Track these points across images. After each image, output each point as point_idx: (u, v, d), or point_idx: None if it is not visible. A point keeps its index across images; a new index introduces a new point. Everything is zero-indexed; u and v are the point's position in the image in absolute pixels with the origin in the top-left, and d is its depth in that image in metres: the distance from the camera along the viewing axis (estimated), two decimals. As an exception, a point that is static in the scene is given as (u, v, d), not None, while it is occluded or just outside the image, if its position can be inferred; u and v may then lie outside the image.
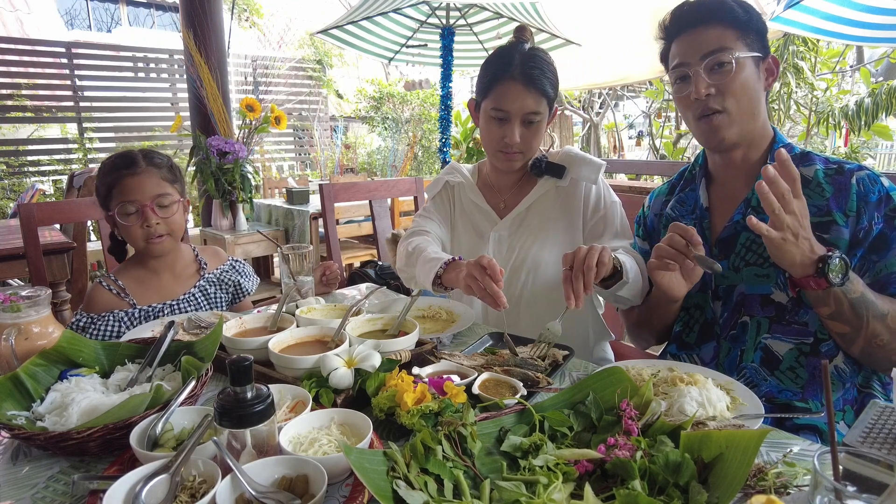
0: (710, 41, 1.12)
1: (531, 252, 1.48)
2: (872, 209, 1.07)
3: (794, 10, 3.40)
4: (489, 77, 1.40)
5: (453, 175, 1.62)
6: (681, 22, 1.17)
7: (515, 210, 1.51)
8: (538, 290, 1.47)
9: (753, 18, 1.13)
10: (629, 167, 5.89)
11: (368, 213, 3.55)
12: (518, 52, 1.38)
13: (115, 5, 10.72)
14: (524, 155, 1.45)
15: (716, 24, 1.13)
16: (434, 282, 1.26)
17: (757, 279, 1.16)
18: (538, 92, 1.36)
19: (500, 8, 4.77)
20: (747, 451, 0.66)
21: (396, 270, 1.62)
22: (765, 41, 1.15)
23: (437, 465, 0.71)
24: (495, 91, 1.38)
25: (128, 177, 1.41)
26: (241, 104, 3.73)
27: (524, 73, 1.35)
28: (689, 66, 1.14)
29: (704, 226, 1.24)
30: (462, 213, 1.60)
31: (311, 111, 8.65)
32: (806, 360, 1.13)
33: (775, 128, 1.22)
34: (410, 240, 1.47)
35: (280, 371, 1.01)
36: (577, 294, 1.07)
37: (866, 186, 1.09)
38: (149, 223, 1.41)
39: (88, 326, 1.37)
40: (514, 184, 1.56)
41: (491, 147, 1.46)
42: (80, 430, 0.78)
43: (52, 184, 6.03)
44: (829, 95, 7.34)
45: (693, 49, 1.14)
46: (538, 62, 1.37)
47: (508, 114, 1.38)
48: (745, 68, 1.12)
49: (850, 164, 1.13)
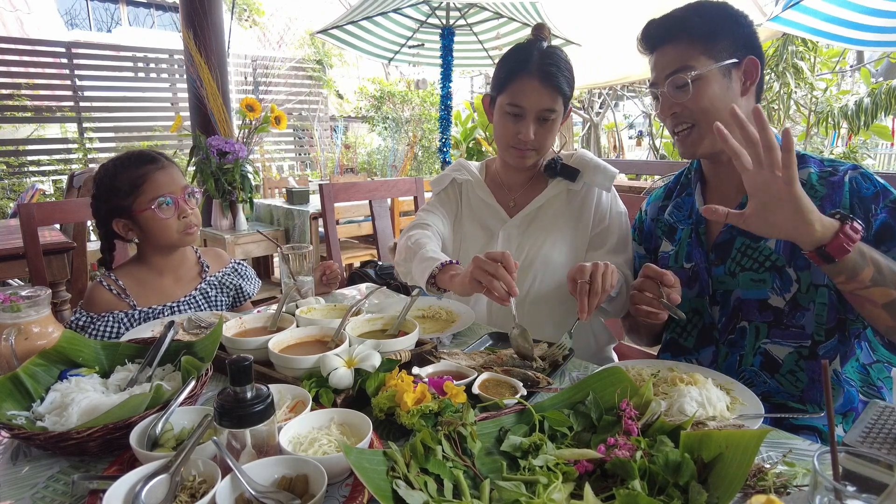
0: (671, 61, 1.13)
1: (541, 252, 1.47)
2: (868, 203, 1.07)
3: (794, 11, 3.41)
4: (506, 72, 1.39)
5: (461, 172, 1.60)
6: (648, 41, 1.19)
7: (526, 209, 1.50)
8: (545, 290, 1.47)
9: (720, 26, 1.12)
10: (629, 167, 5.87)
11: (368, 213, 3.55)
12: (536, 48, 1.38)
13: (115, 5, 10.73)
14: (537, 152, 1.44)
15: (678, 42, 1.13)
16: (428, 281, 1.26)
17: (753, 284, 1.16)
18: (554, 89, 1.36)
19: (500, 8, 4.78)
20: (747, 451, 0.66)
21: (395, 265, 1.62)
22: (741, 44, 1.13)
23: (436, 465, 0.71)
24: (512, 86, 1.37)
25: (157, 171, 1.42)
26: (241, 104, 3.73)
27: (541, 70, 1.35)
28: (657, 86, 1.16)
29: (700, 231, 1.24)
30: (470, 210, 1.59)
31: (311, 111, 8.65)
32: (805, 364, 1.14)
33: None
34: (411, 233, 1.46)
35: (280, 371, 1.01)
36: (590, 309, 1.10)
37: (859, 184, 1.09)
38: (185, 214, 1.43)
39: (88, 326, 1.37)
40: (525, 182, 1.55)
41: (504, 143, 1.45)
42: (80, 430, 0.78)
43: (52, 184, 6.04)
44: (829, 95, 7.34)
45: (659, 68, 1.16)
46: (556, 60, 1.36)
47: (524, 110, 1.37)
48: (710, 83, 1.11)
49: (845, 165, 1.13)
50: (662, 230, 1.34)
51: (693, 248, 1.25)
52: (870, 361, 1.16)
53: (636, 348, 1.70)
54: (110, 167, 1.43)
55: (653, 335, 1.38)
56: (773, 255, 1.13)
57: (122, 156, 1.45)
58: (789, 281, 1.12)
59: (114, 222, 1.44)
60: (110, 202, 1.42)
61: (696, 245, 1.24)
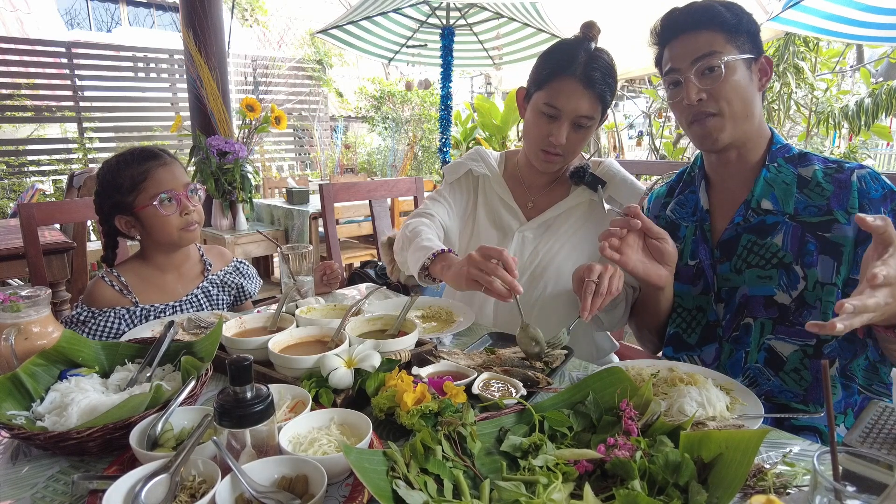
0: (700, 46, 1.12)
1: (556, 260, 1.43)
2: (877, 205, 1.07)
3: (795, 10, 3.40)
4: (548, 70, 1.32)
5: (479, 164, 1.54)
6: (671, 28, 1.18)
7: (545, 213, 1.46)
8: (555, 299, 1.44)
9: (743, 21, 1.13)
10: (629, 167, 5.86)
11: (368, 213, 3.55)
12: (583, 49, 1.31)
13: (115, 5, 10.73)
14: (565, 158, 1.39)
15: (704, 29, 1.13)
16: (421, 271, 1.23)
17: (759, 281, 1.16)
18: (596, 96, 1.30)
19: (500, 8, 4.77)
20: (747, 451, 0.66)
21: (387, 260, 1.61)
22: (757, 42, 1.15)
23: (436, 465, 0.71)
24: (552, 85, 1.31)
25: (159, 168, 1.41)
26: (241, 104, 3.73)
27: (586, 74, 1.28)
28: (681, 71, 1.15)
29: (705, 228, 1.25)
30: (486, 205, 1.53)
31: (311, 111, 8.65)
32: (810, 363, 1.13)
33: (772, 128, 1.22)
34: (410, 221, 1.42)
35: (280, 371, 1.01)
36: (592, 309, 1.08)
37: (868, 184, 1.09)
38: (187, 211, 1.43)
39: (89, 321, 1.36)
40: (546, 185, 1.50)
41: (533, 143, 1.39)
42: (79, 430, 0.78)
43: (52, 184, 6.04)
44: (829, 96, 7.34)
45: (683, 55, 1.14)
46: (602, 65, 1.31)
47: (560, 112, 1.31)
48: (735, 71, 1.11)
49: (850, 164, 1.14)
50: (664, 227, 1.34)
51: (698, 244, 1.25)
52: (878, 359, 1.15)
53: (636, 348, 1.70)
54: (113, 164, 1.43)
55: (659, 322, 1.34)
56: (781, 251, 1.14)
57: (125, 152, 1.44)
58: (796, 278, 1.12)
59: (116, 219, 1.44)
60: (113, 198, 1.42)
61: (702, 242, 1.24)
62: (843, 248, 1.09)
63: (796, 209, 1.14)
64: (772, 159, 1.18)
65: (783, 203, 1.15)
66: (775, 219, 1.15)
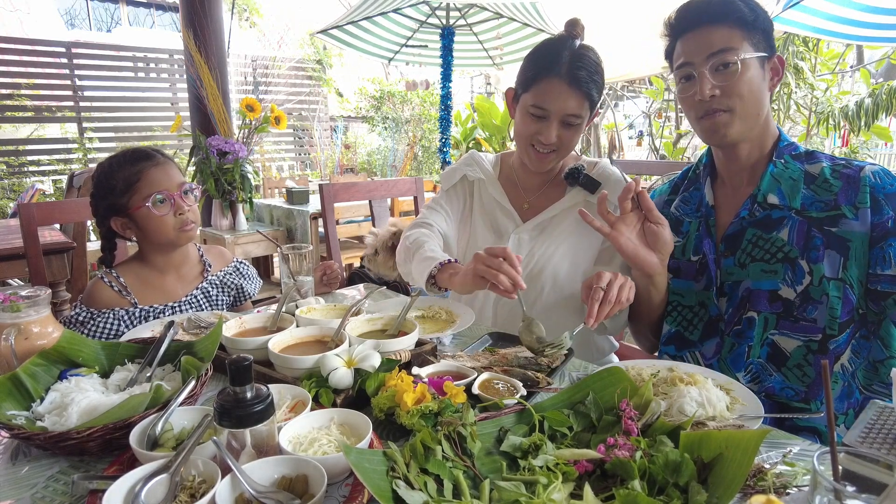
0: (716, 41, 1.11)
1: (552, 261, 1.44)
2: (893, 199, 1.08)
3: (795, 10, 3.40)
4: (533, 71, 1.33)
5: (473, 169, 1.55)
6: (687, 20, 1.17)
7: (541, 215, 1.47)
8: (553, 300, 1.44)
9: (760, 18, 1.13)
10: (629, 167, 5.88)
11: (368, 213, 3.56)
12: (567, 48, 1.31)
13: (115, 5, 10.73)
14: (558, 155, 1.39)
15: (722, 24, 1.12)
16: (428, 281, 1.25)
17: (764, 275, 1.16)
18: (582, 94, 1.30)
19: (500, 8, 4.78)
20: (747, 451, 0.66)
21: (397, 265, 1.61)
22: (771, 40, 1.15)
23: (436, 465, 0.71)
24: (537, 87, 1.31)
25: (152, 168, 1.41)
26: (241, 104, 3.73)
27: (571, 73, 1.28)
28: (695, 66, 1.14)
29: (710, 223, 1.25)
30: (481, 209, 1.54)
31: (311, 111, 8.65)
32: (814, 359, 1.13)
33: (779, 127, 1.22)
34: (410, 233, 1.43)
35: (280, 371, 1.01)
36: (598, 317, 1.08)
37: (882, 179, 1.09)
38: (181, 211, 1.42)
39: (87, 322, 1.36)
40: (541, 186, 1.51)
41: (524, 143, 1.40)
42: (79, 430, 0.78)
43: (52, 184, 6.04)
44: (829, 96, 7.34)
45: (698, 49, 1.13)
46: (587, 63, 1.30)
47: (548, 112, 1.31)
48: (750, 68, 1.11)
49: (858, 161, 1.14)
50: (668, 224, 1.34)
51: (702, 239, 1.25)
52: (882, 358, 1.15)
53: (636, 349, 1.70)
54: (107, 165, 1.42)
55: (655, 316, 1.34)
56: (787, 246, 1.13)
57: (119, 154, 1.44)
58: (802, 273, 1.12)
59: (112, 221, 1.44)
60: (107, 200, 1.42)
61: (706, 236, 1.24)
62: (849, 243, 1.09)
63: (803, 204, 1.14)
64: (779, 155, 1.18)
65: (790, 198, 1.15)
66: (781, 213, 1.15)
